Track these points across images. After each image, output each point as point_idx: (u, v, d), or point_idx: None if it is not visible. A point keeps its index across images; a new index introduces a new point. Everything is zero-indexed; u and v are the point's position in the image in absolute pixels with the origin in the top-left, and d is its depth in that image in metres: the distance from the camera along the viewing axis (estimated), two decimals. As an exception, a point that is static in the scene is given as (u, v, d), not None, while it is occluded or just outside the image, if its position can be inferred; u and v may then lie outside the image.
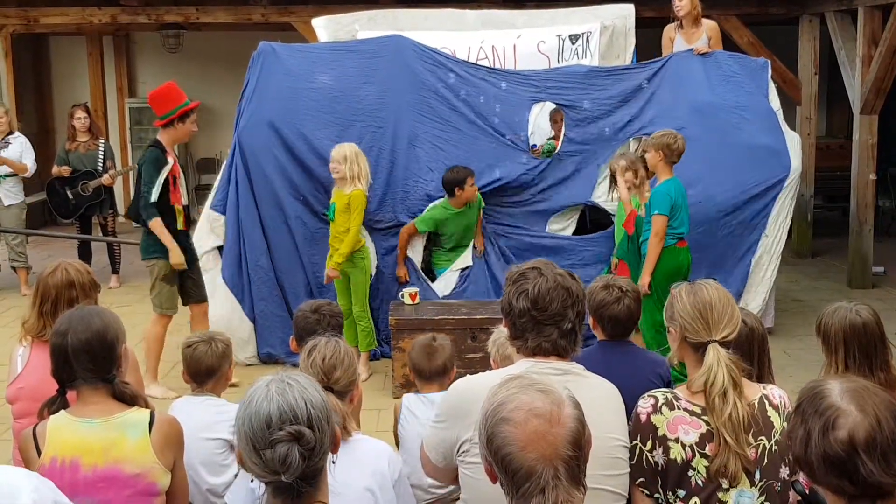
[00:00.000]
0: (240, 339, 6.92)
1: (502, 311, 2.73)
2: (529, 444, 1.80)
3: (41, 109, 13.86)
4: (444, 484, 3.54)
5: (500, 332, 3.49)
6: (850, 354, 3.38)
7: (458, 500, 2.67)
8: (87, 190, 9.34)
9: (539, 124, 7.67)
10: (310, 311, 3.87)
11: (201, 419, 3.64)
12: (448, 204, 7.02)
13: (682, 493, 2.57)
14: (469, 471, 2.52)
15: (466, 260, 7.30)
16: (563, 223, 7.47)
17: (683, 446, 2.56)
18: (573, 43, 7.96)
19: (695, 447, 2.55)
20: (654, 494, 2.60)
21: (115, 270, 9.72)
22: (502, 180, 7.26)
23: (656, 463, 2.58)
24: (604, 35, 8.02)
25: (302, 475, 1.96)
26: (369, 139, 7.19)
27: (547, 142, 7.85)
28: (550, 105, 7.73)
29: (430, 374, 3.90)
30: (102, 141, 9.71)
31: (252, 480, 2.85)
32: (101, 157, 9.48)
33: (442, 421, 2.63)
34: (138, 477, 2.77)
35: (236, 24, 11.50)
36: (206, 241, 7.10)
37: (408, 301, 6.74)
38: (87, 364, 2.79)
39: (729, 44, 9.96)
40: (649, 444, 2.59)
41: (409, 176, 7.20)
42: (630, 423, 2.64)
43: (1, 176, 9.26)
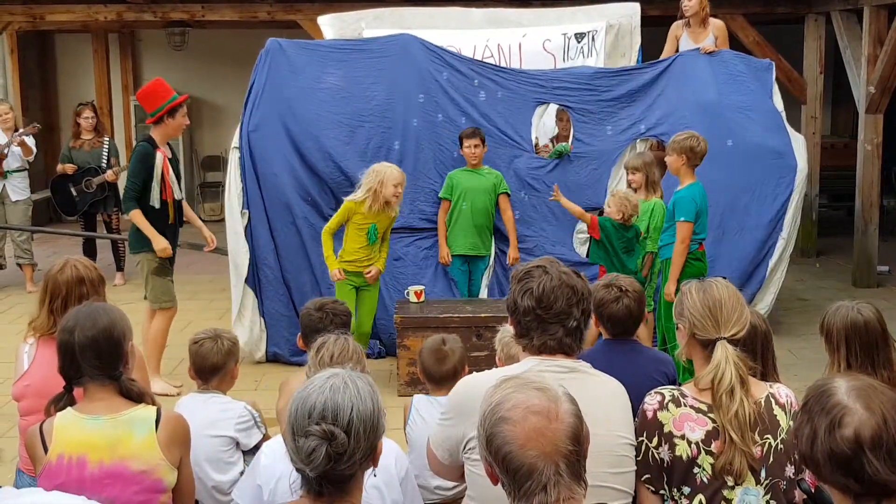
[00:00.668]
0: (259, 339, 7.04)
1: (507, 310, 2.73)
2: (529, 441, 1.81)
3: (46, 107, 13.88)
4: (449, 486, 3.55)
5: (506, 330, 3.49)
6: (852, 353, 3.39)
7: (462, 500, 2.68)
8: (91, 186, 9.36)
9: (544, 123, 7.67)
10: (315, 310, 3.86)
11: (206, 416, 3.65)
12: (466, 166, 7.07)
13: (687, 490, 2.57)
14: (475, 468, 2.52)
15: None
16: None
17: (689, 443, 2.56)
18: (579, 41, 7.95)
19: (700, 444, 2.56)
20: (660, 491, 2.61)
21: (119, 268, 9.73)
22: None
23: (662, 460, 2.59)
24: (609, 33, 8.01)
25: (326, 475, 1.97)
26: (378, 140, 7.20)
27: (560, 144, 7.81)
28: (554, 105, 7.72)
29: (441, 378, 3.85)
30: (107, 139, 9.74)
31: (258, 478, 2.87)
32: (106, 154, 9.51)
33: (448, 418, 2.63)
34: (145, 474, 2.77)
35: (242, 22, 11.50)
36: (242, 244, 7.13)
37: (413, 299, 6.74)
38: (94, 361, 2.80)
39: (735, 43, 9.95)
40: (655, 440, 2.59)
41: (417, 177, 7.21)
42: (636, 420, 2.65)
43: (9, 171, 9.28)
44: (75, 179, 9.37)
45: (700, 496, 2.56)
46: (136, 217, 6.18)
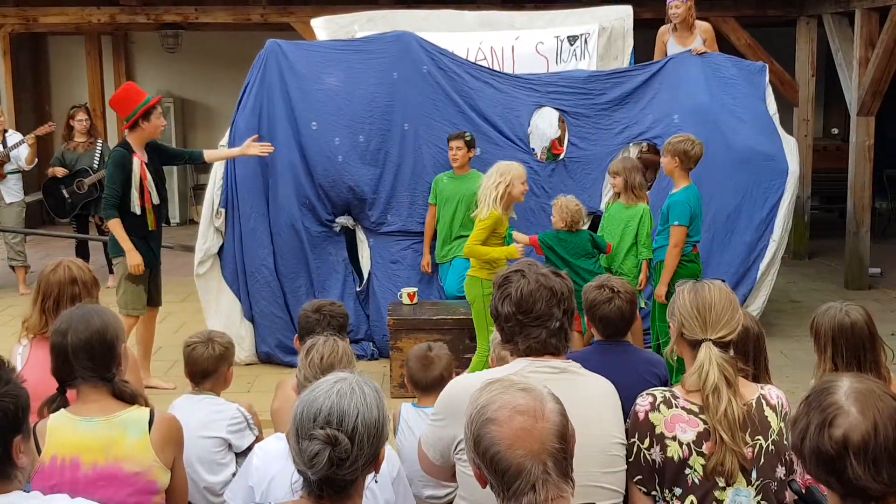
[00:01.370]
0: (238, 337, 6.94)
1: (491, 317, 2.75)
2: (516, 441, 1.82)
3: (39, 109, 13.84)
4: (441, 494, 3.56)
5: (500, 331, 3.50)
6: (839, 353, 3.42)
7: (452, 503, 2.69)
8: (83, 187, 9.34)
9: (537, 126, 7.66)
10: (312, 311, 3.87)
11: (199, 417, 3.66)
12: (450, 171, 7.03)
13: (678, 490, 2.58)
14: (466, 469, 2.52)
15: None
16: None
17: (681, 444, 2.57)
18: (571, 44, 7.97)
19: (692, 445, 2.57)
20: (652, 492, 2.62)
21: (112, 270, 9.70)
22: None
23: (653, 461, 2.60)
24: (602, 36, 8.03)
25: (327, 479, 1.98)
26: (377, 142, 7.21)
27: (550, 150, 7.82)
28: (549, 109, 7.71)
29: (427, 385, 3.86)
30: (100, 141, 9.72)
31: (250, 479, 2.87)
32: (99, 156, 9.49)
33: (440, 419, 2.64)
34: (138, 475, 2.78)
35: (235, 25, 11.51)
36: (214, 243, 7.11)
37: (406, 301, 6.74)
38: (87, 363, 2.80)
39: (727, 45, 10.00)
40: (647, 441, 2.60)
41: (415, 180, 7.22)
42: (628, 421, 2.66)
43: (6, 172, 9.28)
44: (67, 182, 9.36)
45: (691, 497, 2.57)
46: (114, 227, 6.13)
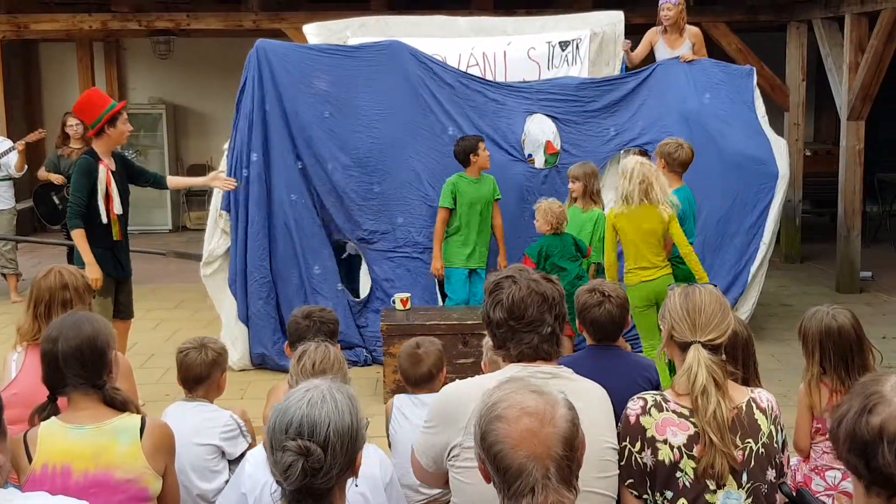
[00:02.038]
0: (234, 340, 6.99)
1: (483, 323, 2.75)
2: (521, 441, 1.84)
3: (30, 116, 13.81)
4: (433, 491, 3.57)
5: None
6: (826, 357, 3.44)
7: (449, 502, 2.69)
8: (73, 193, 9.32)
9: (530, 131, 7.68)
10: (302, 317, 3.88)
11: (192, 424, 3.65)
12: (464, 174, 6.90)
13: (669, 494, 2.59)
14: (460, 475, 2.53)
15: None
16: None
17: (671, 448, 2.58)
18: (563, 50, 7.99)
19: (682, 449, 2.58)
20: (643, 495, 2.63)
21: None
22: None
23: (644, 464, 2.61)
24: (594, 42, 8.05)
25: (303, 489, 1.98)
26: (366, 150, 7.23)
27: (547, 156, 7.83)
28: (541, 116, 7.72)
29: (417, 380, 3.92)
30: (93, 147, 9.70)
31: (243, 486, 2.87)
32: (92, 162, 9.47)
33: (433, 426, 2.64)
34: (129, 482, 2.78)
35: (227, 31, 11.50)
36: (219, 244, 7.14)
37: (399, 306, 6.74)
38: (78, 370, 2.80)
39: (717, 51, 10.04)
40: (638, 445, 2.61)
41: (405, 189, 7.23)
42: (619, 425, 2.67)
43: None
44: (58, 189, 9.32)
45: (682, 500, 2.58)
46: (78, 238, 5.94)
